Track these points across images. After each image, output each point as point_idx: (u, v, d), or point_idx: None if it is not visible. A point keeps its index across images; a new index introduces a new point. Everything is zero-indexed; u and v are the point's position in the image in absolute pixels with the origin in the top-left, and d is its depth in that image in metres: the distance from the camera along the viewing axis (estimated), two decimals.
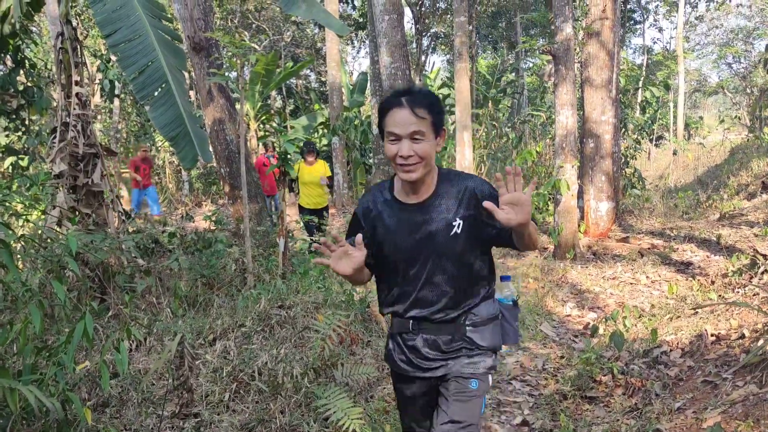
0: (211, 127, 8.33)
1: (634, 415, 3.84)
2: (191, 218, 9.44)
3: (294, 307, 4.97)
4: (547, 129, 18.73)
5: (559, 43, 8.44)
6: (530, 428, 3.93)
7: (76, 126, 5.89)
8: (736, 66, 35.07)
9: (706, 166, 18.66)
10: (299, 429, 3.58)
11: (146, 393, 3.78)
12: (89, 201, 5.94)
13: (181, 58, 5.79)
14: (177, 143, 5.35)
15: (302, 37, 25.02)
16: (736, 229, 9.50)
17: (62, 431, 2.94)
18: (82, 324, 2.89)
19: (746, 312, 4.77)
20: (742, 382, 3.68)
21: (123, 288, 5.34)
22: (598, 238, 9.45)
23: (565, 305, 6.54)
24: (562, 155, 8.42)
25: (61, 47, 5.86)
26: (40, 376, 2.98)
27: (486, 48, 31.24)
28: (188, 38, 8.07)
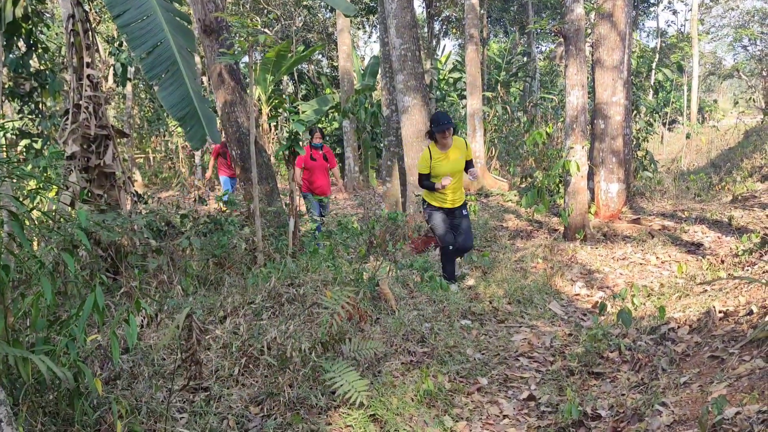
0: (222, 109, 8.35)
1: (641, 389, 3.86)
2: (204, 201, 9.50)
3: (304, 285, 5.01)
4: (559, 113, 18.63)
5: (569, 23, 8.38)
6: (537, 402, 3.96)
7: (87, 108, 5.94)
8: (752, 48, 34.63)
9: (720, 149, 18.51)
10: (307, 402, 3.63)
11: (156, 367, 3.84)
12: (101, 182, 6.01)
13: (191, 39, 5.81)
14: (185, 123, 5.39)
15: (314, 22, 24.95)
16: (748, 211, 9.44)
17: (73, 401, 3.00)
18: (92, 296, 2.94)
19: (755, 288, 4.76)
20: (749, 356, 3.69)
21: (135, 267, 5.41)
22: (608, 220, 9.42)
23: (574, 285, 6.54)
24: (573, 136, 8.38)
25: (72, 29, 5.90)
26: (52, 348, 3.04)
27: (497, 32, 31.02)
28: (199, 21, 8.08)
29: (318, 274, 5.29)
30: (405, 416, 3.64)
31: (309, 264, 5.57)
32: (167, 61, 5.18)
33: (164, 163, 21.29)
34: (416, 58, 8.84)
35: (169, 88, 5.16)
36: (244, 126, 8.25)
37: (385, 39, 11.27)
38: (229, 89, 8.22)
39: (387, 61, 11.54)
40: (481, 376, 4.30)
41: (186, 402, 3.57)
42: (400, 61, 8.76)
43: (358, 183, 16.96)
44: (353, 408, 3.58)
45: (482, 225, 9.49)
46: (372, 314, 4.92)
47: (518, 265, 7.20)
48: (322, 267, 5.51)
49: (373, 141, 18.31)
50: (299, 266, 5.53)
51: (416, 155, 8.75)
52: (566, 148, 8.47)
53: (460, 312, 5.40)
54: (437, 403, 3.84)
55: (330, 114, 18.49)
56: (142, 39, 5.21)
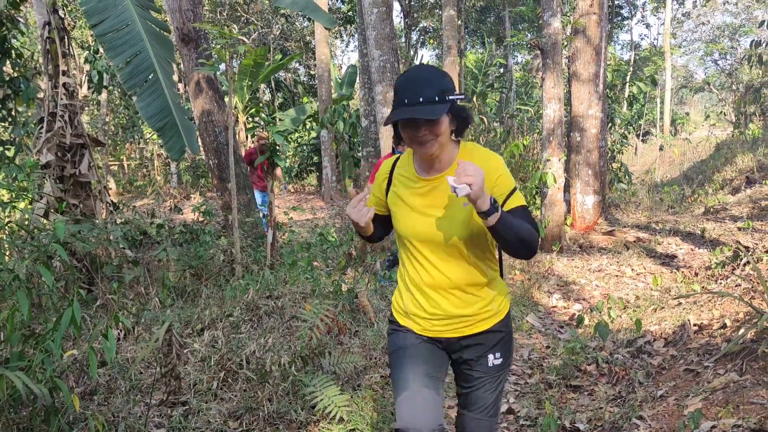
0: (200, 118, 8.30)
1: (618, 402, 3.90)
2: (180, 210, 9.42)
3: (282, 297, 4.99)
4: (535, 124, 18.80)
5: (546, 37, 8.48)
6: (516, 416, 3.98)
7: (63, 116, 5.87)
8: (722, 62, 35.35)
9: (692, 161, 18.81)
10: (287, 416, 3.61)
11: (134, 381, 3.79)
12: (77, 191, 5.93)
13: (170, 49, 5.78)
14: (164, 134, 5.35)
15: (291, 31, 24.94)
16: (720, 223, 9.60)
17: (50, 418, 2.95)
18: (69, 311, 2.90)
19: (728, 302, 4.84)
20: (723, 370, 3.75)
21: (111, 278, 5.34)
22: (584, 231, 9.53)
23: (551, 297, 6.59)
24: (549, 148, 8.47)
25: (48, 37, 5.83)
26: (27, 363, 2.99)
27: (474, 43, 31.28)
28: (177, 30, 8.03)
29: (296, 286, 5.27)
30: (385, 431, 3.63)
31: (287, 276, 5.56)
32: (146, 71, 5.14)
33: (139, 170, 21.09)
34: (395, 70, 8.88)
35: (147, 99, 5.12)
36: (221, 135, 8.21)
37: (363, 50, 11.31)
38: (207, 98, 8.18)
39: (366, 72, 11.58)
40: None
41: (164, 417, 3.53)
42: (379, 73, 8.79)
43: (335, 193, 16.94)
44: (333, 422, 3.57)
45: None
46: (351, 327, 4.92)
47: None
48: (301, 279, 5.50)
49: (351, 151, 18.32)
50: (278, 278, 5.51)
51: None
52: (543, 161, 8.55)
53: None
54: None
55: (308, 123, 18.47)
56: (120, 48, 5.17)
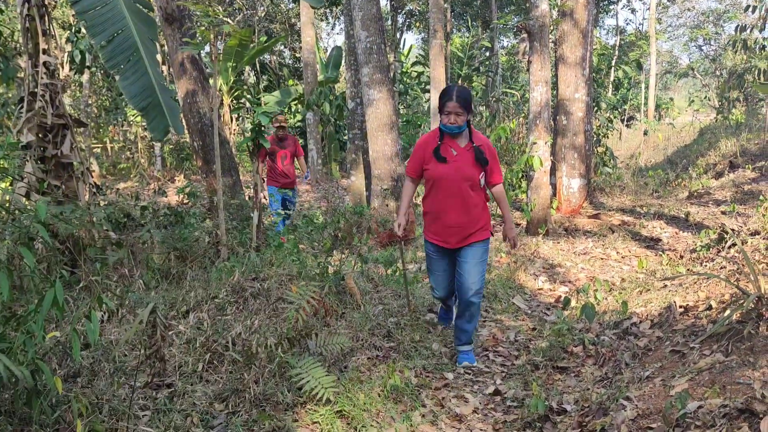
0: (184, 99, 8.21)
1: (605, 383, 3.91)
2: (164, 193, 9.35)
3: (268, 279, 4.95)
4: (521, 107, 18.82)
5: (534, 19, 8.44)
6: (502, 397, 3.98)
7: (44, 96, 5.76)
8: (707, 48, 35.53)
9: (676, 146, 18.93)
10: (273, 398, 3.58)
11: (118, 363, 3.75)
12: (58, 173, 5.83)
13: (153, 28, 5.68)
14: (147, 114, 5.27)
15: (276, 12, 24.68)
16: (703, 207, 9.68)
17: (31, 401, 2.91)
18: (52, 292, 2.85)
19: (713, 284, 4.87)
20: (709, 351, 3.76)
21: (94, 260, 5.27)
22: (569, 215, 9.55)
23: (537, 279, 6.61)
24: (536, 131, 8.45)
25: (27, 14, 5.70)
26: (8, 345, 2.94)
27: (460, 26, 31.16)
28: (160, 9, 7.92)
29: (282, 268, 5.23)
30: (372, 412, 3.62)
31: (273, 258, 5.51)
32: (129, 50, 5.05)
33: (122, 153, 20.87)
34: (382, 51, 8.81)
35: (130, 78, 5.03)
36: (206, 116, 8.12)
37: (350, 31, 11.20)
38: (191, 79, 8.08)
39: (352, 53, 11.48)
40: (447, 371, 4.31)
41: (149, 399, 3.49)
42: (365, 54, 8.72)
43: (321, 176, 16.87)
44: (320, 404, 3.55)
45: None
46: (337, 309, 4.89)
47: None
48: (287, 261, 5.45)
49: (337, 133, 18.23)
50: (263, 260, 5.46)
51: (381, 148, 8.73)
52: (529, 144, 8.54)
53: (426, 306, 5.40)
54: (404, 399, 3.83)
55: (293, 106, 18.34)
56: (101, 27, 5.06)
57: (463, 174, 4.17)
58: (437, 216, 4.31)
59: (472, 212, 4.23)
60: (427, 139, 4.35)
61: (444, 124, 4.15)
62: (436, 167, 4.21)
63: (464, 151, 4.20)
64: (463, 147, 4.21)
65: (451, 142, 4.21)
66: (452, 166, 4.18)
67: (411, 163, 4.39)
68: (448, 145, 4.21)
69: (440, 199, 4.26)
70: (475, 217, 4.26)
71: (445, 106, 4.09)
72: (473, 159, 4.18)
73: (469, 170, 4.18)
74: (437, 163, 4.20)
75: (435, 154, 4.20)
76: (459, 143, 4.21)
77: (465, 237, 4.26)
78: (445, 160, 4.18)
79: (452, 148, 4.20)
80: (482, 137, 4.29)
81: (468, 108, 4.11)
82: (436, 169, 4.21)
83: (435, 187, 4.27)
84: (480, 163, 4.18)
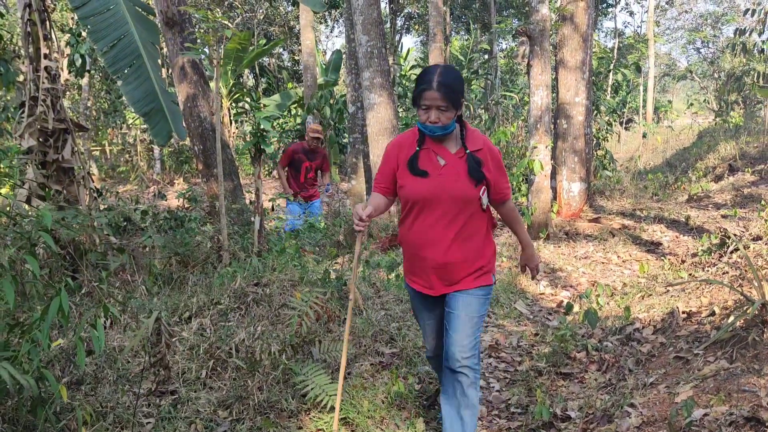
0: (184, 104, 8.20)
1: (608, 390, 3.91)
2: (164, 196, 9.34)
3: (270, 284, 4.94)
4: (520, 110, 18.82)
5: (534, 23, 8.44)
6: (506, 403, 3.98)
7: (45, 100, 5.75)
8: (705, 51, 35.60)
9: (675, 149, 18.95)
10: (277, 405, 3.57)
11: (122, 371, 3.74)
12: (59, 177, 5.83)
13: (155, 33, 5.68)
14: (150, 119, 5.27)
15: (275, 15, 24.68)
16: (703, 210, 9.68)
17: (36, 409, 2.90)
18: (57, 300, 2.84)
19: (716, 289, 4.87)
20: (713, 357, 3.76)
21: (96, 266, 5.26)
22: (570, 218, 9.55)
23: (538, 284, 6.60)
24: (536, 135, 8.46)
25: (29, 19, 5.70)
26: (13, 353, 2.93)
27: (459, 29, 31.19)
28: (161, 13, 7.91)
29: (284, 273, 5.22)
30: (376, 419, 3.62)
31: (275, 263, 5.51)
32: (131, 55, 5.05)
33: (121, 156, 20.85)
34: (382, 55, 8.81)
35: (133, 83, 5.03)
36: (206, 120, 8.12)
37: (351, 35, 11.21)
38: (191, 83, 8.08)
39: (353, 57, 11.49)
40: None
41: (152, 406, 3.48)
42: (366, 58, 8.72)
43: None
44: (324, 411, 3.55)
45: None
46: (340, 314, 4.88)
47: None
48: (289, 266, 5.45)
49: (337, 137, 18.22)
50: (265, 265, 5.46)
51: (382, 152, 8.72)
52: (530, 148, 8.54)
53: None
54: (408, 405, 3.82)
55: (293, 109, 18.33)
56: (104, 32, 5.07)
57: (452, 193, 2.95)
58: (417, 252, 3.07)
59: (467, 246, 3.02)
60: (401, 141, 3.11)
61: (422, 122, 2.92)
62: (414, 184, 2.98)
63: (454, 159, 2.98)
64: (453, 154, 2.99)
65: (435, 147, 3.00)
66: (436, 181, 2.95)
67: (380, 174, 3.15)
68: (430, 152, 3.00)
69: (421, 229, 3.02)
70: (474, 253, 3.04)
71: (421, 97, 2.87)
72: (467, 171, 2.95)
73: (462, 187, 2.94)
74: (414, 178, 2.98)
75: (410, 166, 2.99)
76: (447, 148, 3.00)
77: (456, 280, 3.05)
78: (425, 173, 2.96)
79: (438, 155, 2.99)
80: (480, 137, 3.07)
81: (456, 100, 2.86)
82: (413, 187, 2.98)
83: (413, 211, 3.03)
84: (475, 176, 2.95)
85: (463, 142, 3.01)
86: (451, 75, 2.87)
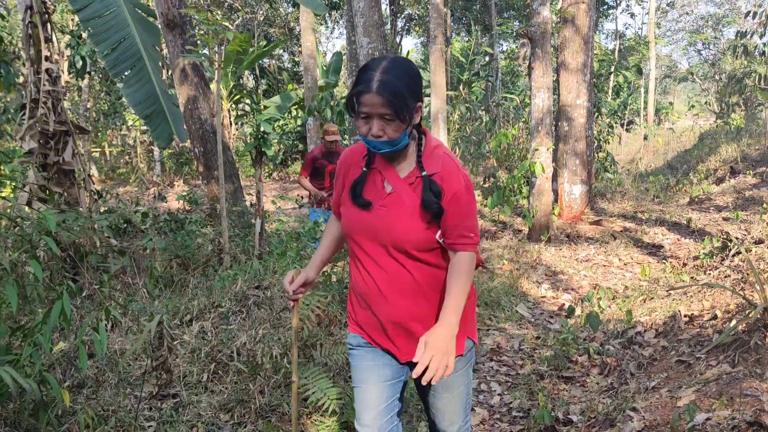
0: (185, 106, 8.19)
1: (610, 394, 3.90)
2: (164, 198, 9.33)
3: (271, 287, 4.94)
4: (520, 112, 18.83)
5: (536, 26, 8.44)
6: (508, 407, 3.97)
7: (46, 103, 5.76)
8: (706, 53, 35.64)
9: (676, 151, 18.95)
10: (279, 409, 3.57)
11: (123, 374, 3.73)
12: (60, 179, 5.83)
13: (156, 35, 5.68)
14: (151, 121, 5.26)
15: (275, 17, 24.70)
16: (705, 213, 9.67)
17: (38, 412, 2.89)
18: (59, 304, 2.84)
19: (718, 293, 4.86)
20: (716, 361, 3.76)
21: (96, 268, 5.26)
22: (571, 221, 9.55)
23: (539, 287, 6.60)
24: (538, 138, 8.46)
25: (30, 21, 5.71)
26: (15, 356, 2.92)
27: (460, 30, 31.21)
28: (162, 15, 7.90)
29: (285, 276, 5.21)
30: None
31: (276, 266, 5.50)
32: (132, 57, 5.05)
33: (121, 157, 20.86)
34: None
35: (134, 86, 5.03)
36: (207, 123, 8.11)
37: (351, 37, 11.21)
38: (192, 85, 8.07)
39: (354, 59, 11.49)
40: None
41: (154, 410, 3.47)
42: (367, 60, 8.72)
43: None
44: (326, 415, 3.54)
45: None
46: (341, 317, 4.88)
47: (485, 266, 7.24)
48: (290, 269, 5.44)
49: None
50: (266, 268, 5.45)
51: None
52: (531, 150, 8.54)
53: None
54: (409, 409, 3.81)
55: (293, 111, 18.33)
56: (106, 34, 5.06)
57: (393, 234, 2.14)
58: (363, 299, 2.28)
59: (428, 299, 2.22)
60: (351, 156, 2.33)
61: (363, 135, 2.10)
62: (352, 217, 2.23)
63: (403, 186, 2.16)
64: (403, 178, 2.17)
65: (384, 167, 2.20)
66: (377, 216, 2.16)
67: (335, 194, 2.39)
68: (377, 175, 2.22)
69: (365, 272, 2.24)
70: (437, 308, 2.22)
71: (359, 102, 2.06)
72: (419, 202, 2.12)
73: (406, 226, 2.13)
74: (354, 208, 2.22)
75: (352, 193, 2.23)
76: (398, 170, 2.19)
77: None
78: (367, 204, 2.18)
79: (386, 179, 2.19)
80: (441, 156, 2.19)
81: (404, 107, 2.03)
82: (351, 221, 2.24)
83: (355, 251, 2.26)
84: (430, 208, 2.11)
85: (419, 161, 2.15)
86: (399, 72, 2.03)
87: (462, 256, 2.15)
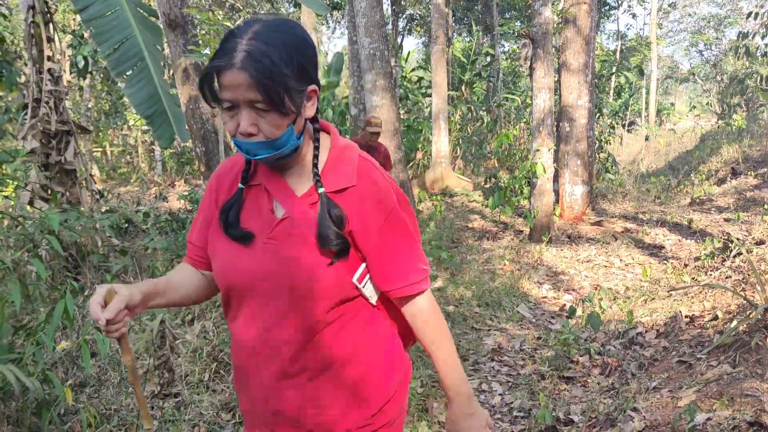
0: (187, 105, 8.21)
1: (611, 394, 3.91)
2: (165, 198, 9.34)
3: None
4: (522, 113, 18.84)
5: (537, 26, 8.45)
6: (509, 407, 3.98)
7: (48, 102, 5.77)
8: (707, 53, 35.63)
9: (677, 151, 18.96)
10: None
11: (125, 373, 3.74)
12: (62, 179, 5.85)
13: (157, 35, 5.68)
14: (153, 121, 5.26)
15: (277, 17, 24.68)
16: (706, 214, 9.68)
17: (41, 411, 2.91)
18: (62, 303, 2.85)
19: (719, 294, 4.87)
20: (716, 362, 3.77)
21: (98, 268, 5.27)
22: (572, 221, 9.55)
23: (541, 287, 6.60)
24: (539, 138, 8.46)
25: (32, 21, 5.72)
26: (18, 355, 2.94)
27: (461, 31, 31.21)
28: (163, 15, 7.92)
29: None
30: None
31: None
32: (134, 57, 5.05)
33: (122, 157, 20.87)
34: (385, 58, 8.82)
35: (136, 86, 5.03)
36: (209, 122, 8.13)
37: (353, 38, 11.22)
38: (194, 85, 8.08)
39: (355, 60, 11.50)
40: None
41: (156, 408, 3.49)
42: (368, 61, 8.73)
43: None
44: None
45: (448, 226, 9.53)
46: None
47: (486, 266, 7.24)
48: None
49: None
50: None
51: None
52: (533, 150, 8.54)
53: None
54: (410, 409, 3.82)
55: None
56: (108, 34, 5.06)
57: (292, 276, 1.41)
58: (242, 377, 1.56)
59: (328, 379, 1.49)
60: (225, 170, 1.63)
61: (231, 134, 1.39)
62: (227, 255, 1.49)
63: (302, 207, 1.46)
64: (301, 197, 1.47)
65: (273, 183, 1.50)
66: (262, 253, 1.44)
67: (192, 228, 1.66)
68: (263, 195, 1.51)
69: (244, 341, 1.51)
70: (348, 395, 1.51)
71: (220, 84, 1.34)
72: (315, 232, 1.42)
73: (304, 264, 1.41)
74: (228, 243, 1.49)
75: (224, 221, 1.50)
76: (293, 186, 1.50)
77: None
78: (247, 237, 1.46)
79: (275, 199, 1.49)
80: (354, 161, 1.51)
81: (281, 91, 1.32)
82: (225, 262, 1.49)
83: (231, 305, 1.53)
84: (329, 241, 1.41)
85: (316, 172, 1.47)
86: (273, 38, 1.33)
87: (419, 303, 1.54)
